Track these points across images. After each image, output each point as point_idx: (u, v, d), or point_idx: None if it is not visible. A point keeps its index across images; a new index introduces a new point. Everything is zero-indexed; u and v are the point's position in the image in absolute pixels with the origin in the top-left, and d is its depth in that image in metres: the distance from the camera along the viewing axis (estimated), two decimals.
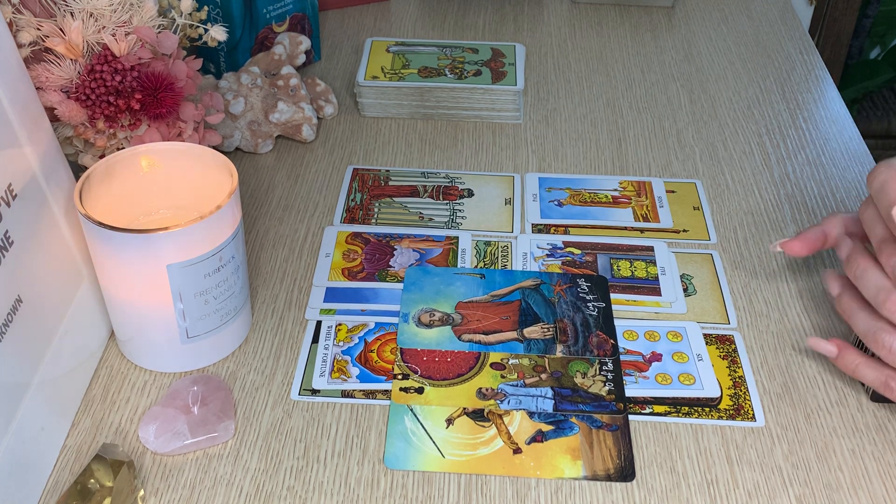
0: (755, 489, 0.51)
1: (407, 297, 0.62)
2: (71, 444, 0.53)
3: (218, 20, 0.79)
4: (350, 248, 0.67)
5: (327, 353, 0.58)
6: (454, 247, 0.67)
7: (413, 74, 0.82)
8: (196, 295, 0.53)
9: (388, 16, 0.97)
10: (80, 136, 0.60)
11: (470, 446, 0.53)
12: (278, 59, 0.79)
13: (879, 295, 0.52)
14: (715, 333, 0.60)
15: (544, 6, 1.00)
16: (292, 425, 0.54)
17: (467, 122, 0.81)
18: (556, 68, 0.89)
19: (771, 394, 0.57)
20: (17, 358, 0.48)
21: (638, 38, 0.95)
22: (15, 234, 0.49)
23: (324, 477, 0.51)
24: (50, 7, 0.57)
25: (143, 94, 0.58)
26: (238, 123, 0.75)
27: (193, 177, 0.57)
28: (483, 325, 0.60)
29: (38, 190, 0.52)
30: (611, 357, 0.58)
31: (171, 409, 0.53)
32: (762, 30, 0.96)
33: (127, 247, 0.50)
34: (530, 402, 0.55)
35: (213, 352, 0.57)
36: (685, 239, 0.68)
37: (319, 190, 0.72)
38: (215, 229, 0.52)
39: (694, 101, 0.84)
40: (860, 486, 0.51)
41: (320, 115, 0.81)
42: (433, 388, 0.56)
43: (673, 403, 0.56)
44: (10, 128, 0.49)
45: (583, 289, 0.63)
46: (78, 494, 0.47)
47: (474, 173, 0.74)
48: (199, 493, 0.50)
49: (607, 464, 0.52)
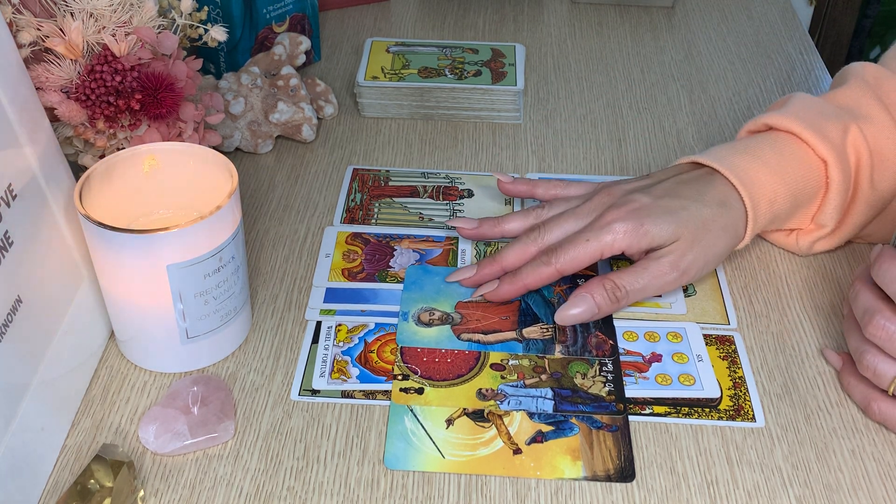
0: (755, 490, 0.51)
1: (407, 296, 0.62)
2: (71, 444, 0.53)
3: (218, 20, 0.79)
4: (350, 248, 0.67)
5: (327, 354, 0.58)
6: (454, 247, 0.67)
7: (413, 75, 0.82)
8: (196, 295, 0.53)
9: (388, 16, 0.97)
10: (80, 136, 0.60)
11: (470, 447, 0.53)
12: (278, 60, 0.79)
13: (864, 317, 0.53)
14: (715, 334, 0.60)
15: (544, 6, 1.00)
16: (292, 426, 0.54)
17: (467, 122, 0.81)
18: (556, 68, 0.89)
19: (771, 394, 0.57)
20: (17, 358, 0.48)
21: (638, 38, 0.95)
22: (15, 234, 0.49)
23: (324, 477, 0.51)
24: (50, 7, 0.57)
25: (143, 94, 0.58)
26: (238, 123, 0.75)
27: (193, 177, 0.57)
28: (482, 325, 0.60)
29: (38, 190, 0.52)
30: (610, 358, 0.58)
31: (171, 409, 0.53)
32: (762, 30, 0.96)
33: (127, 247, 0.50)
34: (530, 403, 0.55)
35: (213, 352, 0.57)
36: None
37: (319, 190, 0.72)
38: (215, 229, 0.52)
39: (694, 102, 0.84)
40: (860, 487, 0.51)
41: (320, 116, 0.81)
42: (433, 388, 0.56)
43: (673, 404, 0.56)
44: (10, 128, 0.49)
45: None
46: (78, 495, 0.47)
47: (474, 173, 0.74)
48: (199, 493, 0.50)
49: (607, 464, 0.52)
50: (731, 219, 0.60)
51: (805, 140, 0.61)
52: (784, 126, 0.62)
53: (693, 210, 0.59)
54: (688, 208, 0.59)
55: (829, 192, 0.62)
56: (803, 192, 0.61)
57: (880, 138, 0.62)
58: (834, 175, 0.61)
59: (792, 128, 0.62)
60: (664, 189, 0.60)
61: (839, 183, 0.61)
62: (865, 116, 0.63)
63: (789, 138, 0.62)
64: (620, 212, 0.59)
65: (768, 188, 0.60)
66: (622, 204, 0.59)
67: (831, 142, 0.61)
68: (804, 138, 0.61)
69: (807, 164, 0.61)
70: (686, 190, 0.60)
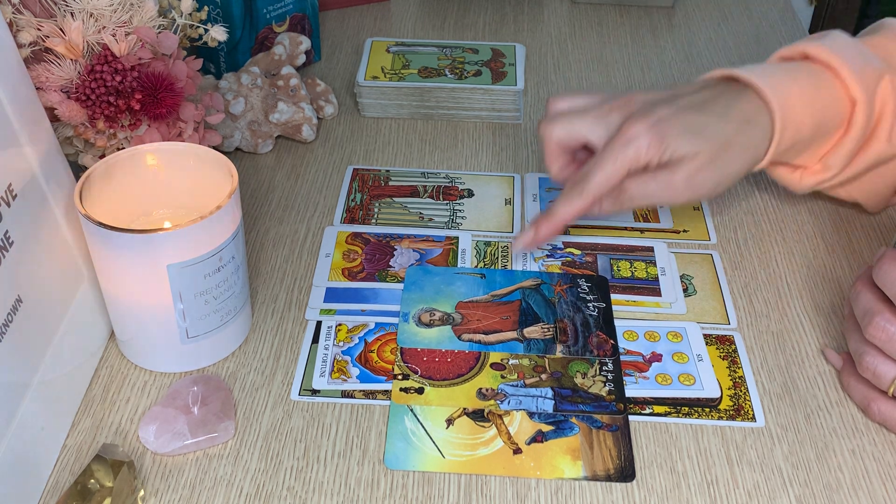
0: (755, 489, 0.51)
1: (407, 297, 0.62)
2: (71, 444, 0.53)
3: (218, 20, 0.79)
4: (350, 248, 0.67)
5: (327, 354, 0.58)
6: (454, 247, 0.67)
7: (413, 75, 0.82)
8: (196, 295, 0.53)
9: (388, 16, 0.97)
10: (80, 136, 0.60)
11: (470, 446, 0.53)
12: (278, 59, 0.79)
13: (865, 318, 0.53)
14: (715, 334, 0.60)
15: (544, 6, 1.00)
16: (292, 425, 0.54)
17: (467, 122, 0.81)
18: (556, 68, 0.89)
19: (771, 394, 0.57)
20: (17, 358, 0.48)
21: (638, 38, 0.95)
22: (15, 234, 0.49)
23: (324, 477, 0.51)
24: (50, 7, 0.57)
25: (143, 94, 0.58)
26: (238, 123, 0.75)
27: (193, 177, 0.57)
28: (483, 325, 0.60)
29: (38, 190, 0.51)
30: (611, 357, 0.58)
31: (171, 409, 0.53)
32: (762, 30, 0.96)
33: (127, 247, 0.50)
34: (530, 403, 0.55)
35: (213, 352, 0.57)
36: (685, 239, 0.68)
37: (319, 190, 0.72)
38: (215, 229, 0.52)
39: None
40: (860, 487, 0.51)
41: (320, 116, 0.81)
42: (433, 388, 0.56)
43: (673, 404, 0.56)
44: (10, 128, 0.49)
45: (583, 289, 0.63)
46: (78, 494, 0.47)
47: (474, 173, 0.74)
48: (199, 493, 0.50)
49: (607, 464, 0.52)
50: (754, 138, 0.59)
51: (842, 77, 0.60)
52: (823, 58, 0.61)
53: (716, 127, 0.58)
54: (711, 125, 0.58)
55: (848, 133, 0.61)
56: (825, 126, 0.60)
57: None
58: (859, 117, 0.60)
59: (831, 62, 0.60)
60: (688, 102, 0.59)
61: (861, 127, 0.60)
62: None
63: (825, 72, 0.61)
64: (643, 124, 0.57)
65: (798, 113, 0.59)
66: (643, 115, 0.58)
67: (865, 85, 0.60)
68: (842, 74, 0.60)
69: (837, 100, 0.60)
70: (711, 105, 0.59)
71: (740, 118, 0.59)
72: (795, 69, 0.61)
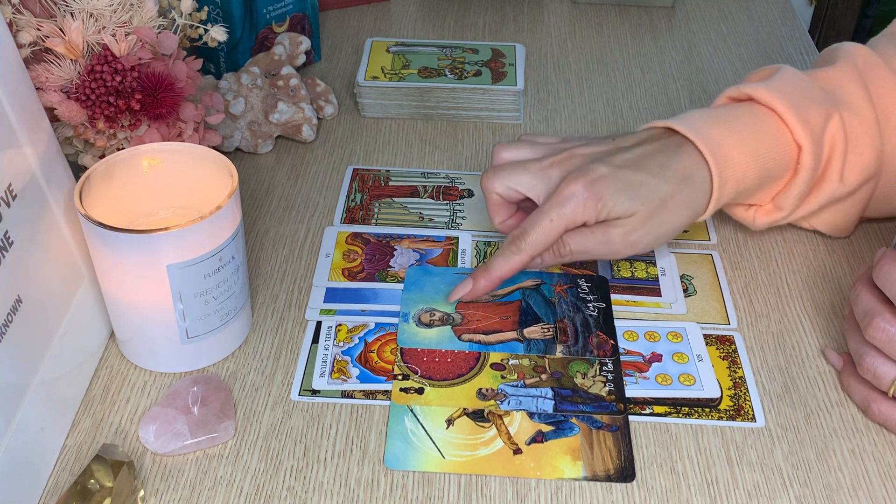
0: (755, 489, 0.51)
1: (407, 297, 0.62)
2: (71, 445, 0.53)
3: (218, 20, 0.78)
4: (350, 248, 0.67)
5: (327, 354, 0.58)
6: (454, 247, 0.67)
7: (413, 75, 0.82)
8: (196, 295, 0.53)
9: (388, 16, 0.97)
10: (80, 136, 0.60)
11: (470, 447, 0.53)
12: (278, 60, 0.79)
13: (865, 319, 0.53)
14: (715, 334, 0.60)
15: (544, 6, 1.00)
16: (292, 426, 0.54)
17: (467, 122, 0.81)
18: (556, 68, 0.89)
19: (771, 394, 0.57)
20: (17, 358, 0.48)
21: (638, 38, 0.95)
22: (15, 234, 0.49)
23: (324, 477, 0.51)
24: (50, 7, 0.57)
25: (143, 94, 0.58)
26: (238, 124, 0.75)
27: (193, 177, 0.57)
28: (483, 325, 0.60)
29: (38, 190, 0.51)
30: (611, 357, 0.58)
31: (171, 409, 0.53)
32: (762, 30, 0.96)
33: (127, 247, 0.50)
34: (530, 403, 0.55)
35: (213, 352, 0.57)
36: (685, 239, 0.68)
37: (319, 190, 0.72)
38: (215, 230, 0.52)
39: (694, 102, 0.84)
40: (860, 487, 0.51)
41: (320, 116, 0.81)
42: (433, 388, 0.56)
43: (673, 404, 0.56)
44: (10, 128, 0.49)
45: (583, 289, 0.63)
46: (78, 495, 0.47)
47: (474, 173, 0.74)
48: (199, 493, 0.50)
49: (607, 464, 0.52)
50: (692, 195, 0.59)
51: (786, 121, 0.60)
52: (767, 102, 0.61)
53: (653, 186, 0.58)
54: (647, 184, 0.58)
55: (796, 176, 0.61)
56: (771, 172, 0.60)
57: (859, 131, 0.61)
58: (806, 162, 0.60)
59: (775, 105, 0.60)
60: (627, 159, 0.59)
61: (809, 170, 0.60)
62: (849, 105, 0.62)
63: (769, 115, 0.61)
64: (579, 183, 0.57)
65: (739, 166, 0.59)
66: (581, 173, 0.58)
67: (811, 128, 0.60)
68: (785, 119, 0.60)
69: (781, 145, 0.60)
70: (649, 162, 0.59)
71: (678, 176, 0.58)
72: (738, 115, 0.61)
